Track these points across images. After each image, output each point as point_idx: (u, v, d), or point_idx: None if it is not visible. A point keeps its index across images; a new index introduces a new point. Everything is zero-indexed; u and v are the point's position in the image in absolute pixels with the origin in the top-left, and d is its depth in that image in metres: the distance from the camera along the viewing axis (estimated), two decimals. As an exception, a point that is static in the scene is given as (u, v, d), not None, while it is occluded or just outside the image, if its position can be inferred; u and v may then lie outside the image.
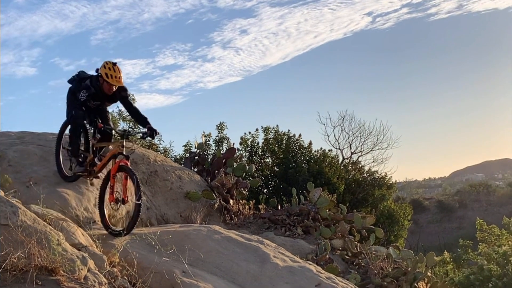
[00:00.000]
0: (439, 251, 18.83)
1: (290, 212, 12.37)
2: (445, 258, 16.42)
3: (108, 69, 6.93)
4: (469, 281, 12.31)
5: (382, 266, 10.60)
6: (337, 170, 21.92)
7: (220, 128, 19.73)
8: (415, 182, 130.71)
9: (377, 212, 20.56)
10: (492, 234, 13.78)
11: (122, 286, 5.29)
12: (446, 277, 13.48)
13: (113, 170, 6.77)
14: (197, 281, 5.85)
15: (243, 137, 21.80)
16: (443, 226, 69.32)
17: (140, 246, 6.38)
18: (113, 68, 6.95)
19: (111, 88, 7.11)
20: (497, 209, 64.58)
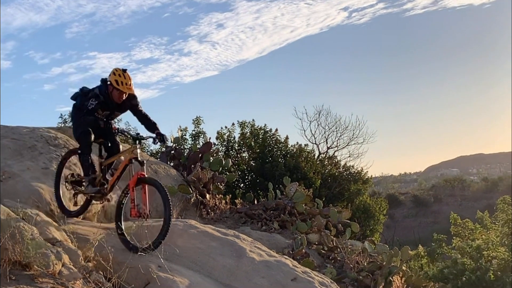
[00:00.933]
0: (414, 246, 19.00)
1: (266, 206, 12.40)
2: (420, 252, 16.55)
3: (118, 75, 6.57)
4: (443, 275, 12.42)
5: (357, 260, 10.67)
6: (313, 165, 22.01)
7: (197, 123, 19.73)
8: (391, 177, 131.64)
9: (353, 207, 20.66)
10: (466, 228, 13.92)
11: (97, 281, 5.26)
12: (421, 271, 13.60)
13: (132, 183, 6.33)
14: (173, 275, 5.83)
15: (220, 131, 21.80)
16: (418, 220, 69.90)
17: (115, 241, 6.33)
18: (123, 75, 6.59)
19: (121, 96, 6.71)
20: (471, 203, 65.36)
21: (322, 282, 7.16)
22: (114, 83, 6.57)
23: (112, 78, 6.58)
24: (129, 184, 6.34)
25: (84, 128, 6.72)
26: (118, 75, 6.57)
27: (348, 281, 9.91)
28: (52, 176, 7.54)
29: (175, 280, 5.76)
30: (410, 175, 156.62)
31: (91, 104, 6.58)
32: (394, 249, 11.95)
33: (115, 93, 6.68)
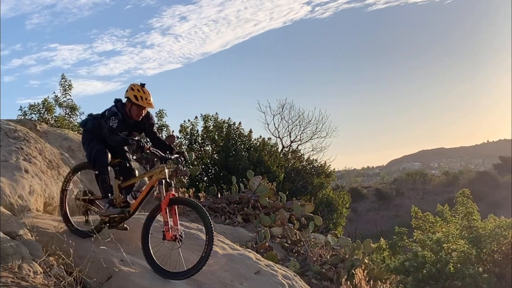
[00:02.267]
0: (377, 239, 19.20)
1: (230, 200, 12.40)
2: (382, 245, 16.74)
3: (137, 90, 6.24)
4: (404, 267, 12.58)
5: (320, 254, 10.75)
6: (277, 159, 22.10)
7: (160, 116, 19.60)
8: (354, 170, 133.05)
9: (316, 200, 20.83)
10: (427, 221, 14.11)
11: (58, 275, 5.19)
12: (383, 263, 13.75)
13: (164, 204, 5.95)
14: (136, 269, 5.80)
15: (183, 124, 21.75)
16: (381, 214, 70.77)
17: (76, 234, 6.27)
18: (142, 90, 6.26)
19: (140, 112, 6.37)
20: (433, 197, 66.37)
21: (285, 275, 7.19)
22: (133, 99, 6.24)
23: (131, 93, 6.26)
24: (161, 205, 5.96)
25: (99, 147, 6.40)
26: (137, 90, 6.25)
27: (311, 274, 9.98)
28: (12, 169, 7.35)
29: (138, 274, 5.73)
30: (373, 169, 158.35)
31: (113, 123, 6.21)
32: (356, 242, 12.07)
33: (134, 110, 6.35)
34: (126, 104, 6.37)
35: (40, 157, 7.86)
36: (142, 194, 6.33)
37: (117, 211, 6.35)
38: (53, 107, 17.81)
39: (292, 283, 7.02)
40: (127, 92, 6.31)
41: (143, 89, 6.28)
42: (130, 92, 6.26)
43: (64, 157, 8.97)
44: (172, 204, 6.01)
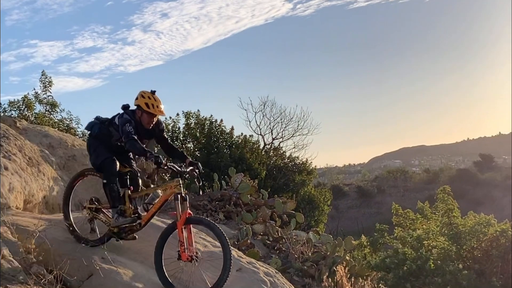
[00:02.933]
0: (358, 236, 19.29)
1: (211, 197, 12.39)
2: (363, 242, 16.84)
3: (148, 98, 6.06)
4: (385, 264, 12.66)
5: (302, 251, 10.77)
6: (259, 156, 22.10)
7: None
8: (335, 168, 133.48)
9: (297, 198, 20.89)
10: (407, 218, 14.20)
11: (38, 273, 5.14)
12: (364, 260, 13.83)
13: (180, 223, 5.71)
14: (117, 267, 5.77)
15: (164, 121, 21.60)
16: (362, 211, 71.15)
17: (57, 232, 6.23)
18: (153, 97, 6.07)
19: (151, 120, 6.17)
20: (413, 194, 66.75)
21: (267, 273, 7.20)
22: (144, 107, 6.05)
23: (141, 101, 6.07)
24: (177, 224, 5.73)
25: (107, 155, 6.17)
26: (148, 98, 6.07)
27: (293, 271, 10.00)
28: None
29: (119, 272, 5.70)
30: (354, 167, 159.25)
31: (129, 129, 5.95)
32: (338, 239, 12.11)
33: (145, 118, 6.14)
34: (136, 112, 6.17)
35: (20, 154, 7.78)
36: (154, 207, 6.08)
37: (127, 220, 6.10)
38: (33, 104, 17.66)
39: (274, 280, 7.03)
40: (137, 100, 6.11)
41: (154, 96, 6.11)
42: (141, 100, 6.08)
43: (44, 154, 8.90)
44: (188, 223, 5.78)
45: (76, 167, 9.72)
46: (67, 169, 9.53)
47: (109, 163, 6.13)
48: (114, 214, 6.11)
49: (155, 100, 6.08)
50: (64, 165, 9.52)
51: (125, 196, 6.19)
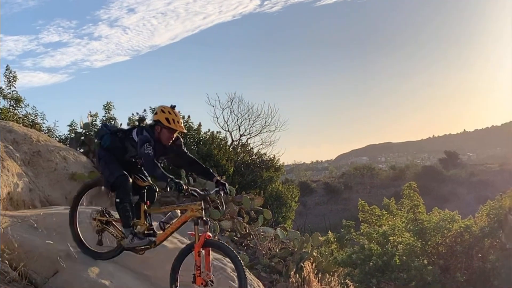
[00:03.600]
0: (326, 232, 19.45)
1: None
2: (330, 238, 16.96)
3: (168, 113, 5.75)
4: (351, 260, 12.78)
5: (270, 247, 10.80)
6: (226, 152, 22.05)
7: (107, 108, 19.21)
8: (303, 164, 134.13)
9: (265, 194, 20.90)
10: (373, 214, 14.33)
11: (3, 271, 5.09)
12: (331, 256, 13.92)
13: (198, 246, 5.42)
14: (83, 264, 5.72)
15: (131, 117, 21.42)
16: (329, 207, 71.61)
17: (22, 229, 6.14)
18: (173, 112, 5.77)
19: (171, 136, 5.86)
20: (380, 191, 67.45)
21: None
22: (164, 122, 5.74)
23: (161, 116, 5.76)
24: (195, 247, 5.43)
25: (121, 172, 5.86)
26: (168, 113, 5.76)
27: (260, 268, 10.02)
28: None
29: (85, 269, 5.69)
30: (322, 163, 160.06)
31: (148, 150, 5.63)
32: (305, 235, 12.16)
33: (164, 134, 5.83)
34: (155, 128, 5.85)
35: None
36: (172, 228, 5.79)
37: (144, 243, 5.84)
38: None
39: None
40: (157, 115, 5.82)
41: (174, 111, 5.82)
42: (161, 115, 5.78)
43: (8, 150, 8.78)
44: (206, 246, 5.49)
45: (41, 162, 9.61)
46: (32, 165, 9.41)
47: (124, 181, 5.84)
48: (128, 234, 5.85)
49: (176, 115, 5.80)
50: (29, 161, 9.40)
51: (140, 211, 5.95)
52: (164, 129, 5.77)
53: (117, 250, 6.05)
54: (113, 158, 5.99)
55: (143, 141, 5.66)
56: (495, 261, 11.86)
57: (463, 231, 12.37)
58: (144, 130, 5.82)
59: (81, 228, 6.22)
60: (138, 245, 5.82)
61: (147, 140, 5.65)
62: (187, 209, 5.64)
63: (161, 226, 5.85)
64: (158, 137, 5.81)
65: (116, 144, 6.03)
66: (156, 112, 5.87)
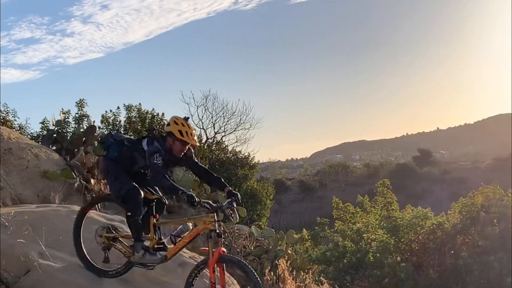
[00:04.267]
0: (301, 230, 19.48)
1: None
2: (304, 235, 17.02)
3: (182, 125, 5.58)
4: (326, 257, 12.84)
5: (244, 245, 10.82)
6: (201, 150, 22.04)
7: (80, 105, 19.04)
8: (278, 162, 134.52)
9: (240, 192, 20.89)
10: (348, 212, 14.39)
11: (-28, 269, 5.03)
12: (306, 254, 13.96)
13: (212, 263, 5.26)
14: (56, 262, 5.72)
15: (105, 115, 21.32)
16: (304, 205, 71.88)
17: (-7, 228, 6.07)
18: (186, 125, 5.62)
19: (184, 148, 5.70)
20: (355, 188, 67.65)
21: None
22: (177, 134, 5.58)
23: (174, 128, 5.60)
24: (209, 264, 5.27)
25: (131, 185, 5.67)
26: (181, 125, 5.60)
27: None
28: None
29: (58, 268, 5.65)
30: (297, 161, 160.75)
31: (157, 161, 5.48)
32: (280, 233, 12.20)
33: (177, 146, 5.67)
34: (168, 139, 5.69)
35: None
36: (183, 242, 5.64)
37: (157, 260, 5.68)
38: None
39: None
40: (170, 126, 5.65)
41: (187, 123, 5.67)
42: (174, 127, 5.62)
43: (-21, 147, 8.69)
44: (220, 262, 5.33)
45: (13, 160, 9.51)
46: (3, 163, 9.31)
47: (135, 194, 5.65)
48: (139, 249, 5.68)
49: (189, 128, 5.65)
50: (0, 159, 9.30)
51: (149, 225, 5.78)
52: (176, 141, 5.63)
53: (126, 266, 5.91)
54: (122, 169, 5.82)
55: (153, 152, 5.53)
56: (467, 257, 11.99)
57: (435, 228, 12.49)
58: (155, 141, 5.69)
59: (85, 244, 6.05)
60: (150, 261, 5.69)
61: (157, 151, 5.53)
62: (199, 222, 5.51)
63: (172, 239, 5.72)
64: (170, 148, 5.68)
65: (125, 154, 5.86)
66: (169, 123, 5.71)
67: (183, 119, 5.68)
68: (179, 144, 5.62)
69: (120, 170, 5.80)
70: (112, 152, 5.91)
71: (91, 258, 5.98)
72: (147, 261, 5.66)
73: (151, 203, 5.83)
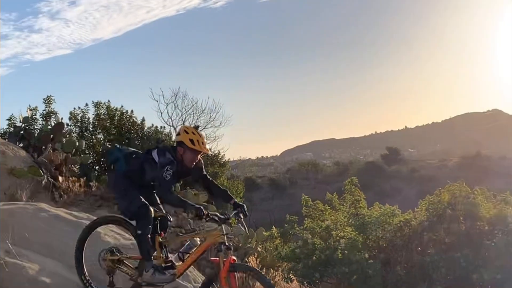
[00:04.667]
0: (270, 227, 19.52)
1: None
2: (273, 233, 17.07)
3: (192, 134, 5.47)
4: (295, 255, 12.90)
5: (214, 242, 10.82)
6: (171, 147, 22.01)
7: (48, 102, 18.86)
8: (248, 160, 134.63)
9: (210, 190, 20.93)
10: (317, 209, 14.45)
11: None
12: (275, 251, 14.00)
13: (224, 272, 5.12)
14: (22, 261, 5.66)
15: (73, 112, 21.13)
16: (275, 203, 72.19)
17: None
18: (197, 133, 5.50)
19: (195, 158, 5.58)
20: (324, 186, 68.13)
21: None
22: (188, 143, 5.45)
23: (185, 137, 5.47)
24: (221, 274, 5.15)
25: (141, 202, 5.52)
26: (192, 133, 5.49)
27: (204, 263, 10.04)
28: None
29: (25, 266, 5.60)
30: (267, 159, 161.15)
31: (166, 174, 5.33)
32: (250, 231, 12.23)
33: (188, 156, 5.54)
34: (178, 150, 5.55)
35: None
36: (192, 258, 5.50)
37: (168, 279, 5.52)
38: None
39: (186, 272, 7.05)
40: (180, 136, 5.54)
41: (198, 132, 5.56)
42: (184, 136, 5.49)
43: None
44: (232, 271, 5.20)
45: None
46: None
47: (145, 212, 5.50)
48: (149, 269, 5.49)
49: (200, 136, 5.52)
50: (-35, 156, 9.19)
51: (155, 243, 5.61)
52: (188, 150, 5.50)
53: None
54: (131, 184, 5.64)
55: (165, 164, 5.40)
56: (434, 254, 12.14)
57: (403, 225, 12.64)
58: (167, 152, 5.54)
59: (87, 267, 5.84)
60: (160, 280, 5.52)
61: (169, 163, 5.40)
62: (208, 236, 5.40)
63: (180, 257, 5.57)
64: (181, 159, 5.54)
65: (133, 167, 5.68)
66: (179, 133, 5.61)
67: (193, 128, 5.61)
68: (190, 154, 5.52)
69: (129, 186, 5.63)
70: (121, 166, 5.74)
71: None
72: (157, 280, 5.49)
73: (155, 221, 5.67)
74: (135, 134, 21.82)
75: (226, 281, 5.10)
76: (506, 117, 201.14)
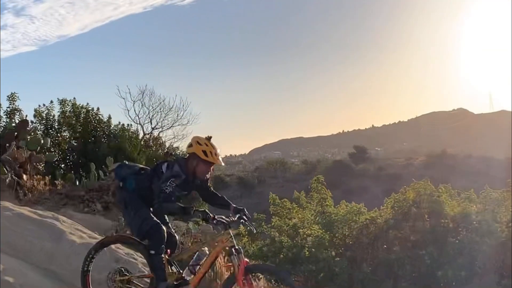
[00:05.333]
0: (239, 226, 19.58)
1: (89, 187, 12.14)
2: (241, 231, 17.08)
3: (205, 145, 5.32)
4: (263, 253, 12.92)
5: (182, 241, 10.80)
6: (138, 146, 21.87)
7: (12, 99, 18.61)
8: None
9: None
10: (284, 208, 14.49)
11: None
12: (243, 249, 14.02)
13: (240, 275, 5.02)
14: (0, 264, 5.57)
15: (38, 109, 20.87)
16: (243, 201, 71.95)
17: None
18: (210, 144, 5.34)
19: (208, 169, 5.50)
20: (293, 185, 68.52)
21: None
22: (201, 155, 5.32)
23: (197, 149, 5.34)
24: (237, 277, 5.03)
25: (154, 221, 5.39)
26: (205, 145, 5.34)
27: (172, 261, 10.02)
28: None
29: (1, 269, 5.51)
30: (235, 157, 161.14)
31: (167, 187, 5.20)
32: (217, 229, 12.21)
33: (201, 167, 5.44)
34: (190, 161, 5.45)
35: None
36: (204, 268, 5.36)
37: None
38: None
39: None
40: (192, 147, 5.40)
41: (210, 143, 5.39)
42: (197, 147, 5.36)
43: None
44: (247, 273, 5.11)
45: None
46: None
47: (158, 230, 5.38)
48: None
49: (213, 147, 5.37)
50: None
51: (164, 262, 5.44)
52: (201, 162, 5.40)
53: None
54: (141, 202, 5.52)
55: (169, 177, 5.29)
56: (399, 252, 12.30)
57: (369, 223, 12.75)
58: (176, 164, 5.41)
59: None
60: None
61: (175, 176, 5.29)
62: (216, 243, 5.31)
63: (191, 270, 5.43)
64: (194, 171, 5.45)
65: (143, 184, 5.57)
66: (191, 144, 5.46)
67: (205, 139, 5.44)
68: (203, 166, 5.43)
69: (140, 204, 5.51)
70: (130, 184, 5.63)
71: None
72: None
73: None
74: (102, 132, 21.67)
75: (244, 284, 5.03)
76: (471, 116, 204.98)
